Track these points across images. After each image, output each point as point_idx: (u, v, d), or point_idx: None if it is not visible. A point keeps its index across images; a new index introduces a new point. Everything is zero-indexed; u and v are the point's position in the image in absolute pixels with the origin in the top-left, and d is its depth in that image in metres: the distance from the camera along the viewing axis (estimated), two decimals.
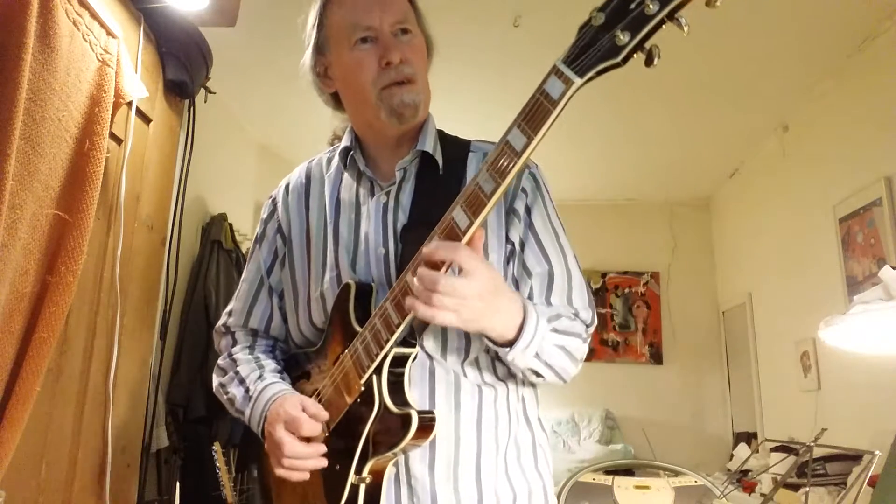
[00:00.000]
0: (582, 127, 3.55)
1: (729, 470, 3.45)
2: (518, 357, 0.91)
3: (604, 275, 4.59)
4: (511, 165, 0.78)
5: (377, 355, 0.91)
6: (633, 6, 0.70)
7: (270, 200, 1.19)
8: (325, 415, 0.97)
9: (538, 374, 0.97)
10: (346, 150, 1.10)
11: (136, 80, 1.56)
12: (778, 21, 2.53)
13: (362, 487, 0.93)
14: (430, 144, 1.05)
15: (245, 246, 3.34)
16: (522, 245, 1.02)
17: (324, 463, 0.95)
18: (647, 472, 3.08)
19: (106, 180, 1.47)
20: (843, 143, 2.82)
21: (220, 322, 1.20)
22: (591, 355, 4.49)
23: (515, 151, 0.78)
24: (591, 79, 0.74)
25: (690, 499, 2.61)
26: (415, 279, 0.83)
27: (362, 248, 1.03)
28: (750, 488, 2.96)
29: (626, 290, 4.58)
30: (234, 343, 1.16)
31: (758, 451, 3.04)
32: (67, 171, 1.29)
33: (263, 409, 1.02)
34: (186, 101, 2.03)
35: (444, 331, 0.98)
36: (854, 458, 2.27)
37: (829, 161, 2.93)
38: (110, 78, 1.42)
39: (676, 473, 2.83)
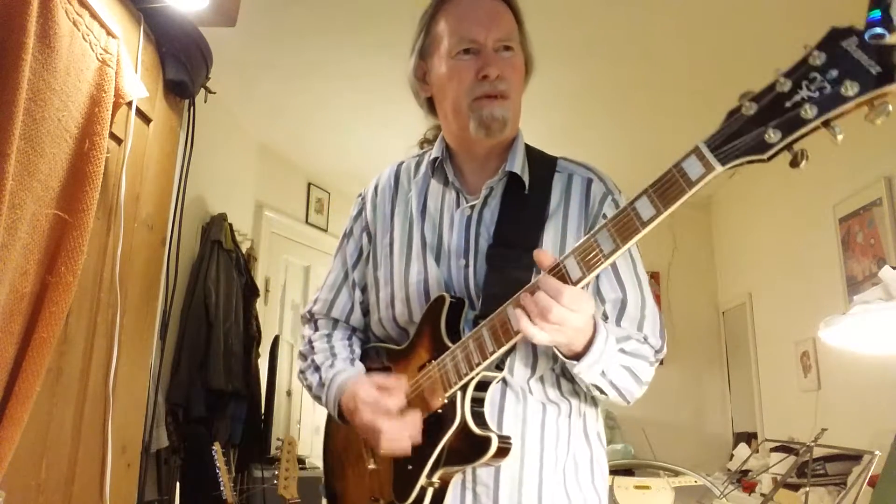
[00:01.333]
0: (582, 127, 3.55)
1: (729, 470, 3.45)
2: (584, 372, 0.94)
3: None
4: (633, 233, 0.80)
5: (466, 375, 0.94)
6: (788, 105, 0.70)
7: (360, 199, 1.23)
8: (398, 383, 1.00)
9: (602, 392, 1.00)
10: (435, 160, 1.13)
11: (136, 80, 1.55)
12: (778, 20, 2.53)
13: (430, 490, 0.98)
14: (518, 165, 1.08)
15: (245, 246, 3.34)
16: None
17: (419, 433, 0.97)
18: (647, 472, 3.08)
19: (106, 180, 1.47)
20: (843, 143, 2.80)
21: (307, 308, 1.25)
22: None
23: (642, 221, 0.80)
24: (732, 168, 0.74)
25: (690, 499, 2.61)
26: (528, 298, 0.85)
27: (444, 256, 1.08)
28: (750, 488, 2.96)
29: None
30: (316, 330, 1.22)
31: (758, 451, 3.04)
32: (67, 171, 1.29)
33: (336, 395, 1.07)
34: (186, 101, 2.02)
35: (513, 348, 1.00)
36: (854, 458, 2.27)
37: (829, 161, 2.93)
38: (110, 78, 1.42)
39: (676, 473, 2.83)
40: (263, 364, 3.20)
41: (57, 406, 1.38)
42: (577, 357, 0.92)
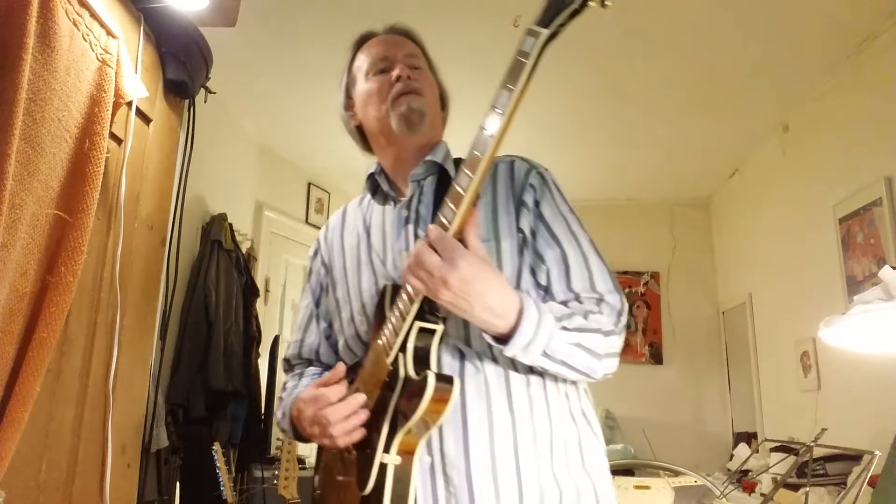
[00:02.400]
0: (582, 128, 3.55)
1: (729, 470, 3.45)
2: (519, 355, 0.92)
3: None
4: (497, 122, 0.83)
5: (401, 329, 0.95)
6: None
7: (316, 241, 1.33)
8: (340, 370, 1.03)
9: (556, 372, 0.97)
10: (371, 175, 1.21)
11: (136, 80, 1.55)
12: (778, 21, 2.53)
13: (391, 469, 0.93)
14: (440, 157, 1.14)
15: (245, 246, 3.34)
16: (534, 234, 1.05)
17: (366, 414, 0.99)
18: (647, 472, 3.08)
19: (106, 180, 1.47)
20: (843, 143, 2.82)
21: (283, 357, 1.32)
22: None
23: (502, 106, 0.83)
24: (557, 28, 0.82)
25: (690, 499, 2.61)
26: (404, 265, 0.91)
27: (389, 257, 1.12)
28: (750, 488, 2.96)
29: (626, 290, 4.58)
30: (292, 373, 1.28)
31: (758, 451, 3.04)
32: (67, 171, 1.29)
33: (288, 414, 1.12)
34: (186, 101, 2.02)
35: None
36: (854, 458, 2.27)
37: (829, 161, 2.93)
38: (110, 78, 1.42)
39: (676, 473, 2.83)
40: (263, 364, 3.20)
41: (57, 406, 1.38)
42: (506, 340, 0.91)
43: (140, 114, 1.65)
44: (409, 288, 0.93)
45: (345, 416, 0.98)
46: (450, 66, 1.33)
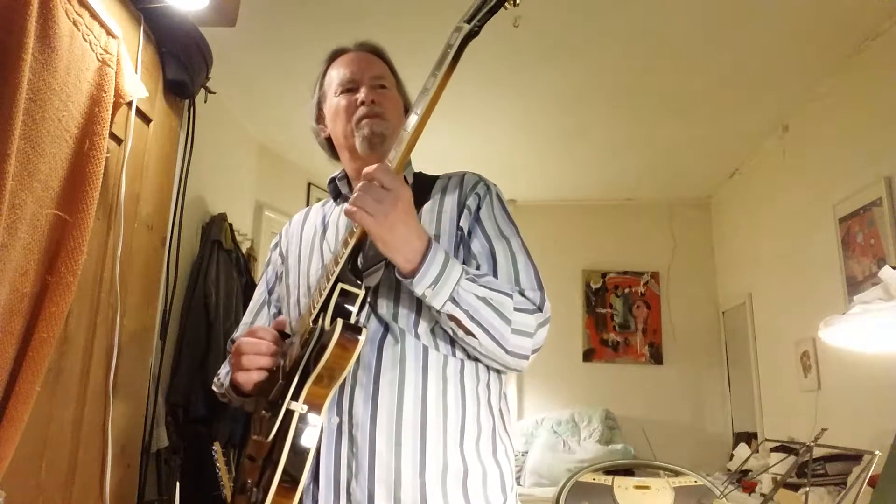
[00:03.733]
0: (582, 128, 3.55)
1: (729, 470, 3.45)
2: (429, 295, 0.97)
3: (604, 275, 4.59)
4: (421, 101, 0.96)
5: (325, 289, 1.01)
6: None
7: (277, 235, 1.42)
8: (281, 322, 1.12)
9: (465, 330, 1.00)
10: (332, 180, 1.32)
11: (136, 80, 1.56)
12: (778, 21, 2.53)
13: (296, 416, 0.94)
14: (396, 164, 1.17)
15: (245, 246, 3.34)
16: (469, 233, 1.14)
17: (270, 359, 1.06)
18: (647, 472, 3.08)
19: (106, 180, 1.47)
20: (843, 143, 2.82)
21: (231, 336, 1.37)
22: (591, 355, 4.49)
23: (427, 90, 0.95)
24: (478, 23, 0.96)
25: (690, 499, 2.61)
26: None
27: (336, 244, 1.19)
28: (750, 488, 2.96)
29: (626, 290, 4.58)
30: None
31: (758, 451, 3.04)
32: (67, 171, 1.29)
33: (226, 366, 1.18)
34: (186, 101, 2.02)
35: (396, 294, 1.07)
36: (854, 458, 2.27)
37: (829, 161, 2.93)
38: (110, 78, 1.42)
39: (676, 473, 2.83)
40: None
41: (57, 406, 1.38)
42: (415, 274, 0.96)
43: (140, 114, 1.65)
44: (337, 248, 1.01)
45: (258, 351, 1.05)
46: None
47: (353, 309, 1.00)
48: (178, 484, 2.53)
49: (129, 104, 1.56)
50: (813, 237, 3.02)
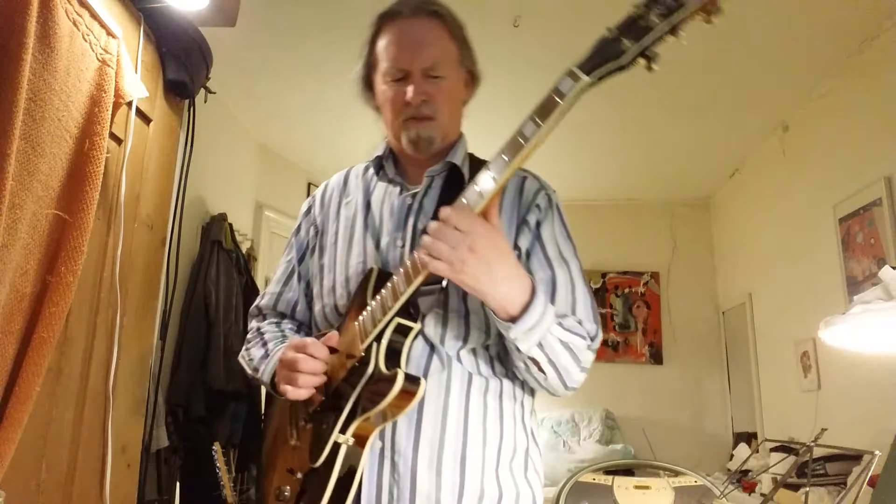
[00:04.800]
0: (582, 127, 3.55)
1: (729, 470, 3.45)
2: (521, 338, 0.94)
3: (604, 275, 4.59)
4: (517, 150, 0.85)
5: (380, 321, 0.97)
6: (641, 22, 0.80)
7: (310, 198, 1.31)
8: (334, 339, 1.04)
9: (540, 369, 0.99)
10: (378, 159, 1.21)
11: (136, 80, 1.56)
12: (778, 21, 2.53)
13: (343, 449, 0.97)
14: (459, 158, 1.15)
15: (245, 246, 3.34)
16: (528, 254, 1.08)
17: (323, 378, 1.03)
18: (647, 472, 3.08)
19: (106, 180, 1.47)
20: (843, 143, 2.82)
21: (255, 304, 1.31)
22: None
23: (525, 137, 0.85)
24: (599, 79, 0.83)
25: (690, 499, 2.61)
26: (425, 237, 0.89)
27: (384, 240, 1.13)
28: (750, 488, 2.96)
29: (626, 290, 4.58)
30: (264, 320, 1.28)
31: (758, 451, 3.04)
32: (67, 171, 1.29)
33: (276, 363, 1.10)
34: (186, 101, 2.02)
35: (444, 317, 1.04)
36: (854, 458, 2.27)
37: (829, 161, 2.93)
38: (110, 78, 1.42)
39: (676, 473, 2.83)
40: None
41: (57, 406, 1.38)
42: (513, 320, 0.92)
43: (140, 114, 1.65)
44: (397, 279, 0.95)
45: (314, 371, 1.02)
46: None
47: (407, 343, 0.99)
48: (178, 484, 2.53)
49: (129, 104, 1.56)
50: (813, 237, 3.02)
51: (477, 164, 1.16)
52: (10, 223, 1.11)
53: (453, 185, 1.12)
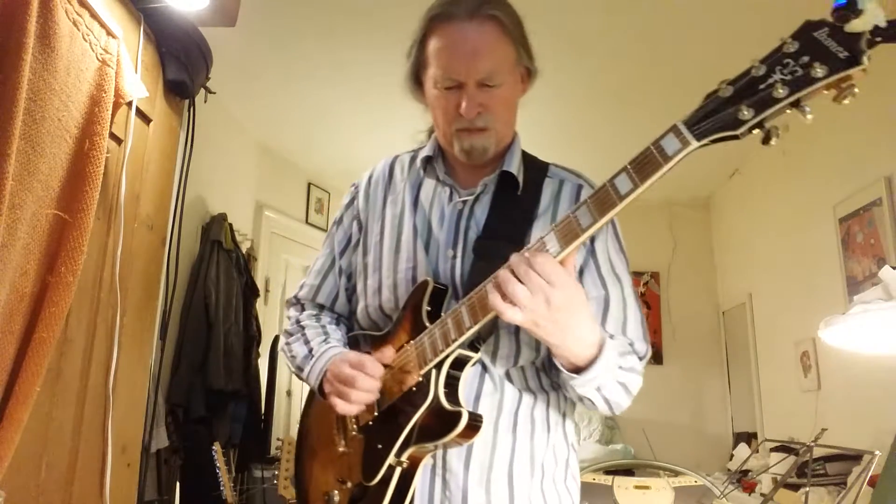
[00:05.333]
0: (581, 127, 3.55)
1: (729, 470, 3.45)
2: (580, 387, 0.94)
3: None
4: (610, 207, 0.81)
5: (441, 352, 0.96)
6: (762, 87, 0.74)
7: (353, 188, 1.26)
8: (388, 355, 1.04)
9: (591, 402, 1.00)
10: (427, 159, 1.17)
11: (136, 80, 1.55)
12: (778, 21, 2.53)
13: (398, 470, 0.99)
14: (514, 166, 1.12)
15: (245, 246, 3.34)
16: (582, 270, 1.07)
17: (376, 396, 1.02)
18: (647, 472, 3.08)
19: (106, 180, 1.47)
20: (843, 143, 2.82)
21: (293, 294, 1.28)
22: None
23: (619, 195, 0.80)
24: (706, 144, 0.78)
25: (690, 499, 2.61)
26: (501, 272, 0.85)
27: (434, 248, 1.10)
28: (750, 488, 2.96)
29: None
30: (303, 310, 1.25)
31: (758, 451, 3.04)
32: (67, 171, 1.29)
33: (324, 365, 1.09)
34: (186, 101, 2.02)
35: (496, 336, 1.03)
36: (854, 458, 2.27)
37: (829, 161, 2.93)
38: (110, 78, 1.42)
39: (676, 473, 2.83)
40: (263, 364, 3.20)
41: (57, 406, 1.38)
42: (577, 372, 0.92)
43: (140, 114, 1.65)
44: (463, 312, 0.93)
45: (369, 389, 1.01)
46: None
47: (465, 372, 1.00)
48: (178, 484, 2.53)
49: (129, 104, 1.56)
50: (813, 237, 3.02)
51: (530, 166, 1.14)
52: (10, 223, 1.11)
53: (506, 189, 1.10)
